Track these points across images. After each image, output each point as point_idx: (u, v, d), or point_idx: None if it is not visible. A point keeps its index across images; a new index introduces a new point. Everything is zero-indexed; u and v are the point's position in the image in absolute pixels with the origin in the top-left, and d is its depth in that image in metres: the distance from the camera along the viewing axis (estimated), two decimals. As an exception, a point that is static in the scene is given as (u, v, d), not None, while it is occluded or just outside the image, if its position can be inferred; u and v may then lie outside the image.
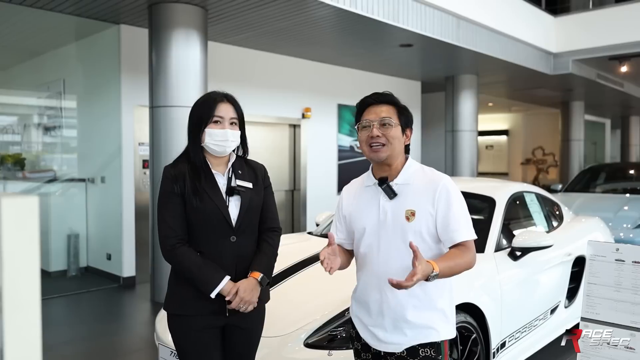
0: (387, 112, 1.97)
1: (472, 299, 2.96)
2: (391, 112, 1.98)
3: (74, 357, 4.14)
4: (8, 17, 5.88)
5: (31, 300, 0.69)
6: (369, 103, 2.01)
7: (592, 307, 2.10)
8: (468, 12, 7.14)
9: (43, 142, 7.64)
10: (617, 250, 2.08)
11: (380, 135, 1.93)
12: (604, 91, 11.58)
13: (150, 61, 5.31)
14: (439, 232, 1.91)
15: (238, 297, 1.99)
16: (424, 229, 1.90)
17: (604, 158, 18.29)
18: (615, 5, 9.08)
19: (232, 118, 2.10)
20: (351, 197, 2.09)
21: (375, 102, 2.00)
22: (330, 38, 6.80)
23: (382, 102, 2.00)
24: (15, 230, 0.67)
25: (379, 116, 1.96)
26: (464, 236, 1.89)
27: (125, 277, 6.23)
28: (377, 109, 1.98)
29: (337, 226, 2.14)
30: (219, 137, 2.05)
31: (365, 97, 2.04)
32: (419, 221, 1.89)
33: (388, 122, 1.95)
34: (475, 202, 3.97)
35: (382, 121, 1.95)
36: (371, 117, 1.97)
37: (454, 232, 1.89)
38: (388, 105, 1.99)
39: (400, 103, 2.04)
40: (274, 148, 7.98)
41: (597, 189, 8.55)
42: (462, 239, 1.89)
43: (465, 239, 1.89)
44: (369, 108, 2.00)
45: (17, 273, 0.67)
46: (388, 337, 1.93)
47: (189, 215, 2.04)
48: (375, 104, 1.99)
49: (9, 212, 0.67)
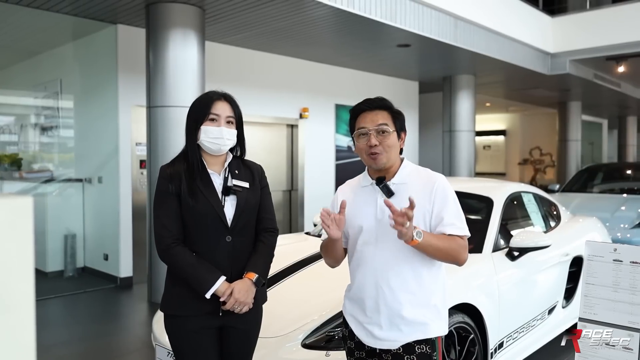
0: (383, 119, 1.97)
1: (470, 299, 2.96)
2: (386, 117, 1.98)
3: (71, 357, 4.12)
4: (5, 17, 5.86)
5: (25, 301, 0.68)
6: (363, 110, 2.01)
7: (590, 308, 2.10)
8: (465, 12, 7.14)
9: (40, 142, 7.62)
10: (615, 251, 2.08)
11: (378, 144, 1.95)
12: (601, 91, 11.60)
13: (148, 61, 5.30)
14: (432, 229, 1.96)
15: (232, 298, 1.98)
16: (421, 226, 1.93)
17: (601, 158, 18.33)
18: (613, 6, 9.09)
19: (229, 116, 2.09)
20: (347, 197, 2.10)
21: (369, 108, 2.00)
22: (328, 38, 6.80)
23: (376, 108, 1.99)
24: (10, 230, 0.66)
25: (375, 123, 1.96)
26: (457, 231, 1.93)
27: (123, 278, 6.22)
28: (372, 116, 1.98)
29: None
30: (214, 134, 2.05)
31: (359, 104, 2.03)
32: (416, 219, 1.91)
33: (385, 129, 1.96)
34: (472, 202, 3.97)
35: (379, 128, 1.95)
36: (368, 125, 1.97)
37: (447, 227, 1.93)
38: (382, 111, 1.99)
39: (394, 107, 2.04)
40: (272, 148, 7.97)
41: (594, 189, 8.56)
42: (455, 234, 1.93)
43: (458, 234, 1.93)
44: (363, 115, 2.00)
45: (11, 274, 0.66)
46: (384, 334, 1.95)
47: (184, 214, 2.04)
48: (370, 110, 1.99)
49: (3, 212, 0.66)
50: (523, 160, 16.98)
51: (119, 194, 6.18)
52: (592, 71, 9.99)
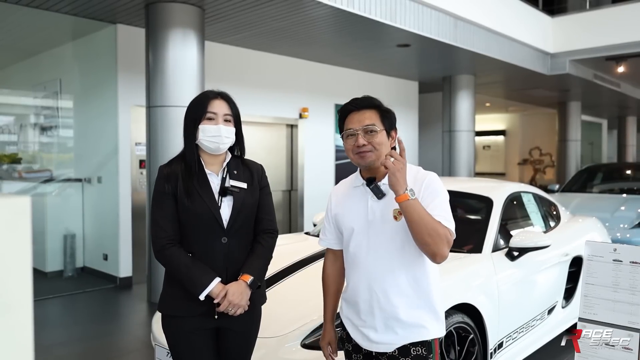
0: (371, 119, 1.93)
1: (470, 300, 2.96)
2: (374, 117, 1.94)
3: (71, 357, 4.12)
4: (4, 17, 5.85)
5: (23, 301, 0.68)
6: (350, 110, 1.98)
7: (590, 308, 2.10)
8: (465, 12, 7.14)
9: (39, 142, 7.62)
10: (615, 251, 2.08)
11: (366, 144, 1.90)
12: (600, 91, 11.61)
13: (147, 61, 5.30)
14: None
15: (226, 300, 1.97)
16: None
17: (600, 158, 18.33)
18: (612, 6, 9.09)
19: (226, 114, 2.08)
20: (340, 198, 2.09)
21: (356, 108, 1.96)
22: (328, 38, 6.80)
23: (364, 108, 1.96)
24: (7, 230, 0.66)
25: (362, 124, 1.92)
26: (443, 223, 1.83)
27: (122, 278, 6.21)
28: (359, 116, 1.94)
29: (326, 227, 2.14)
30: (212, 132, 2.04)
31: (346, 105, 2.00)
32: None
33: (372, 129, 1.91)
34: (472, 202, 3.97)
35: (367, 129, 1.91)
36: (355, 126, 1.93)
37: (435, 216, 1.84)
38: (370, 110, 1.95)
39: (383, 105, 1.99)
40: (271, 148, 7.97)
41: (594, 189, 8.56)
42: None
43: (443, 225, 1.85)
44: (350, 115, 1.97)
45: (9, 274, 0.66)
46: (379, 337, 1.93)
47: (180, 215, 2.03)
48: (357, 110, 1.96)
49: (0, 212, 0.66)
50: (523, 160, 16.98)
51: (118, 194, 6.18)
52: (591, 71, 9.99)
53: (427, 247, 1.79)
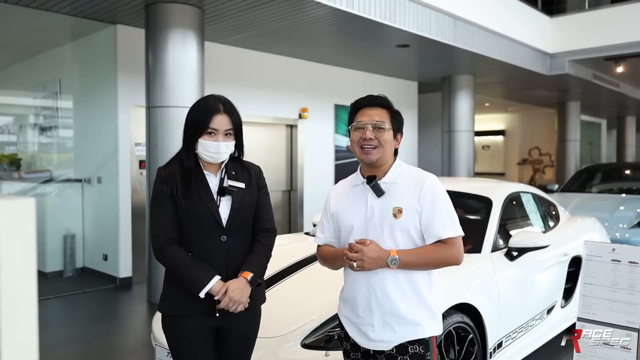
0: (381, 116, 2.00)
1: (469, 299, 2.97)
2: (384, 116, 2.01)
3: (71, 358, 4.12)
4: (4, 17, 5.86)
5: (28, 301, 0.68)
6: (363, 105, 2.04)
7: (589, 307, 2.11)
8: (465, 12, 7.15)
9: (39, 142, 7.62)
10: (614, 251, 2.09)
11: (373, 138, 1.97)
12: (599, 91, 11.62)
13: (147, 61, 5.30)
14: (422, 229, 1.95)
15: (227, 297, 1.98)
16: (411, 225, 1.94)
17: (600, 158, 18.34)
18: (612, 6, 9.10)
19: (227, 130, 2.07)
20: (339, 196, 2.12)
21: (370, 104, 2.03)
22: (327, 38, 6.80)
23: (376, 105, 2.03)
24: (12, 232, 0.67)
25: (372, 119, 1.99)
26: (450, 233, 1.93)
27: (122, 278, 6.22)
28: (371, 112, 2.01)
29: (324, 225, 2.16)
30: (211, 149, 2.04)
31: (360, 99, 2.07)
32: (406, 218, 1.93)
33: (381, 125, 1.98)
34: (471, 202, 3.98)
35: (376, 125, 1.98)
36: (365, 119, 2.00)
37: (439, 229, 1.93)
38: (382, 109, 2.02)
39: (394, 107, 2.07)
40: (271, 148, 7.97)
41: (593, 189, 8.57)
42: (448, 236, 1.93)
43: (451, 235, 1.93)
44: (362, 110, 2.03)
45: (14, 275, 0.67)
46: (377, 335, 1.95)
47: (179, 215, 2.05)
48: (370, 107, 2.03)
49: (5, 214, 0.67)
50: (522, 160, 16.98)
51: (118, 194, 6.19)
52: (591, 71, 10.00)
53: (442, 267, 1.98)
